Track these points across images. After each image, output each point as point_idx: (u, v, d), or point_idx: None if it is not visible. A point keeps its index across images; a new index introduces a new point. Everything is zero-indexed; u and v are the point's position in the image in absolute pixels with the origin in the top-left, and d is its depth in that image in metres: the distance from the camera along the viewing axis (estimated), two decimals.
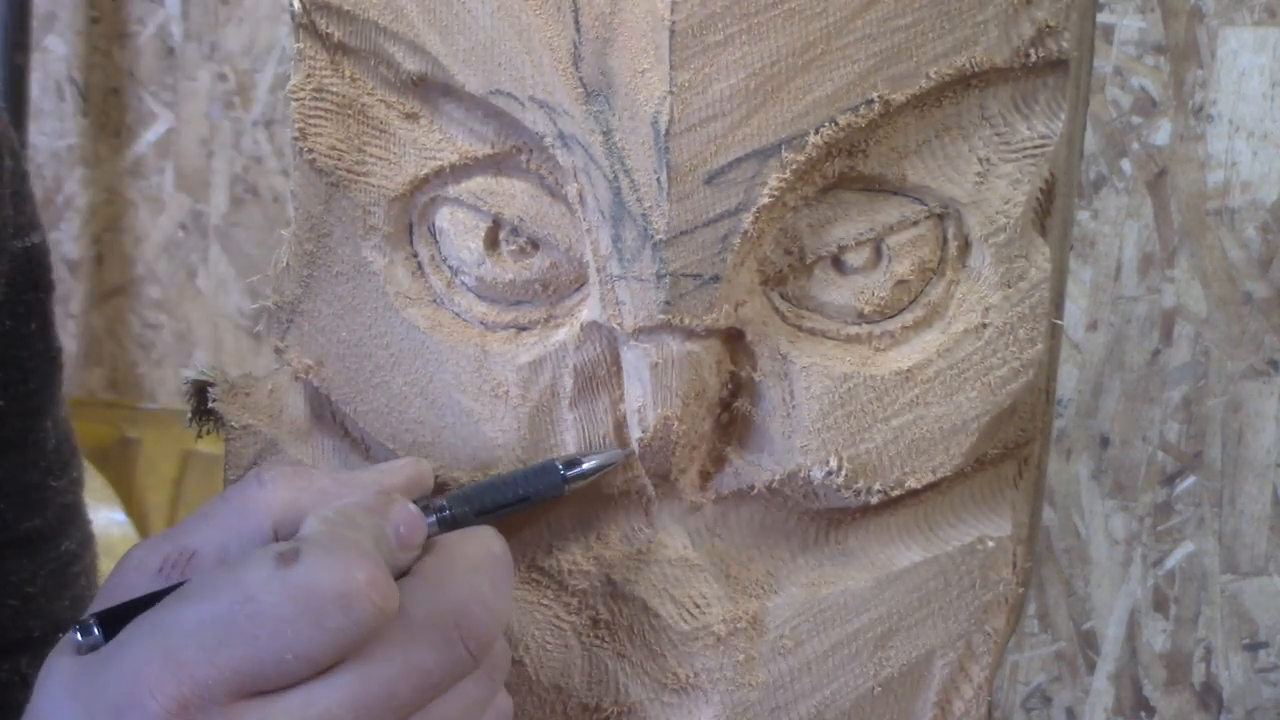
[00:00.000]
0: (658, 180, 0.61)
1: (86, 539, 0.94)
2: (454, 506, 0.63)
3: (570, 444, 0.66)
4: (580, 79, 0.61)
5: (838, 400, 0.65)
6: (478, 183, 0.66)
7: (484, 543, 0.62)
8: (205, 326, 2.05)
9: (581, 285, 0.66)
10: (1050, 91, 0.64)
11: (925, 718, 0.69)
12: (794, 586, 0.68)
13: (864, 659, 0.68)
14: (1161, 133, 1.62)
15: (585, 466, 0.65)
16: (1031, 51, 0.63)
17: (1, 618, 0.86)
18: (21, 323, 0.87)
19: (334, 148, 0.66)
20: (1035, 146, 0.65)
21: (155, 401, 2.05)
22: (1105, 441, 1.67)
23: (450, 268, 0.67)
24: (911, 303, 0.66)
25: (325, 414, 0.71)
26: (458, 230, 0.66)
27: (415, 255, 0.67)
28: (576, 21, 0.61)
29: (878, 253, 0.65)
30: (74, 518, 0.93)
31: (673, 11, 0.60)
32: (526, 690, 0.69)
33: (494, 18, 0.62)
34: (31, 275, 0.88)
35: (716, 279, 0.62)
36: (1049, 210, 0.67)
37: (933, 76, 0.63)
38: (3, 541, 0.88)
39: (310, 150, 0.66)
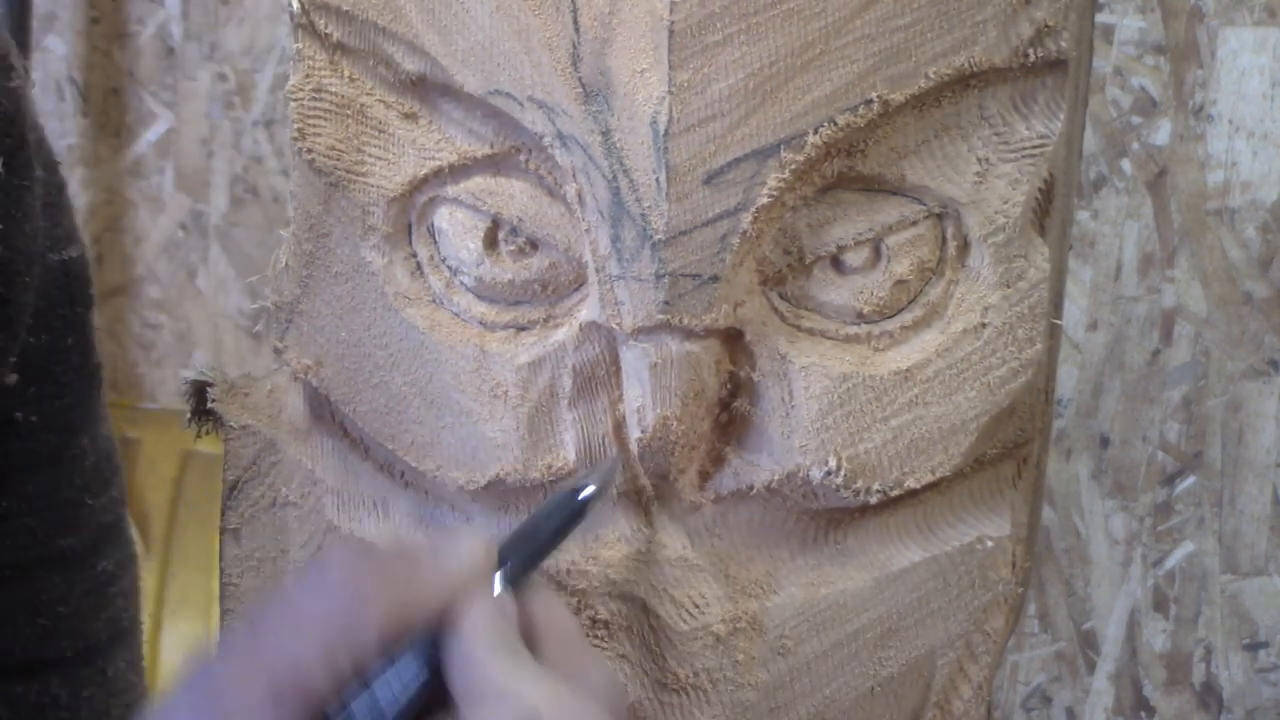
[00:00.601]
0: (656, 180, 0.61)
1: (126, 560, 0.92)
2: (514, 570, 0.61)
3: (570, 444, 0.66)
4: (579, 79, 0.61)
5: (837, 400, 0.65)
6: (477, 183, 0.66)
7: (561, 608, 0.61)
8: (205, 326, 2.05)
9: (581, 285, 0.66)
10: (1049, 91, 0.64)
11: (925, 718, 0.69)
12: (793, 586, 0.68)
13: (863, 659, 0.68)
14: (1161, 133, 1.62)
15: (592, 489, 0.64)
16: (1030, 51, 0.63)
17: (32, 637, 0.85)
18: (57, 337, 0.86)
19: (333, 148, 0.66)
20: (1034, 146, 0.65)
21: (155, 401, 2.05)
22: (1105, 441, 1.68)
23: (449, 268, 0.67)
24: (910, 303, 0.66)
25: (325, 414, 0.71)
26: (457, 230, 0.66)
27: (414, 255, 0.67)
28: (575, 21, 0.61)
29: (877, 253, 0.65)
30: (114, 538, 0.91)
31: (671, 11, 0.60)
32: None
33: (493, 18, 0.62)
34: (68, 290, 0.87)
35: (715, 279, 0.62)
36: (1048, 210, 0.67)
37: (932, 76, 0.63)
38: (34, 559, 0.86)
39: (309, 150, 0.66)
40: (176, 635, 1.76)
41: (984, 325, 0.66)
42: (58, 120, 2.04)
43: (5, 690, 0.83)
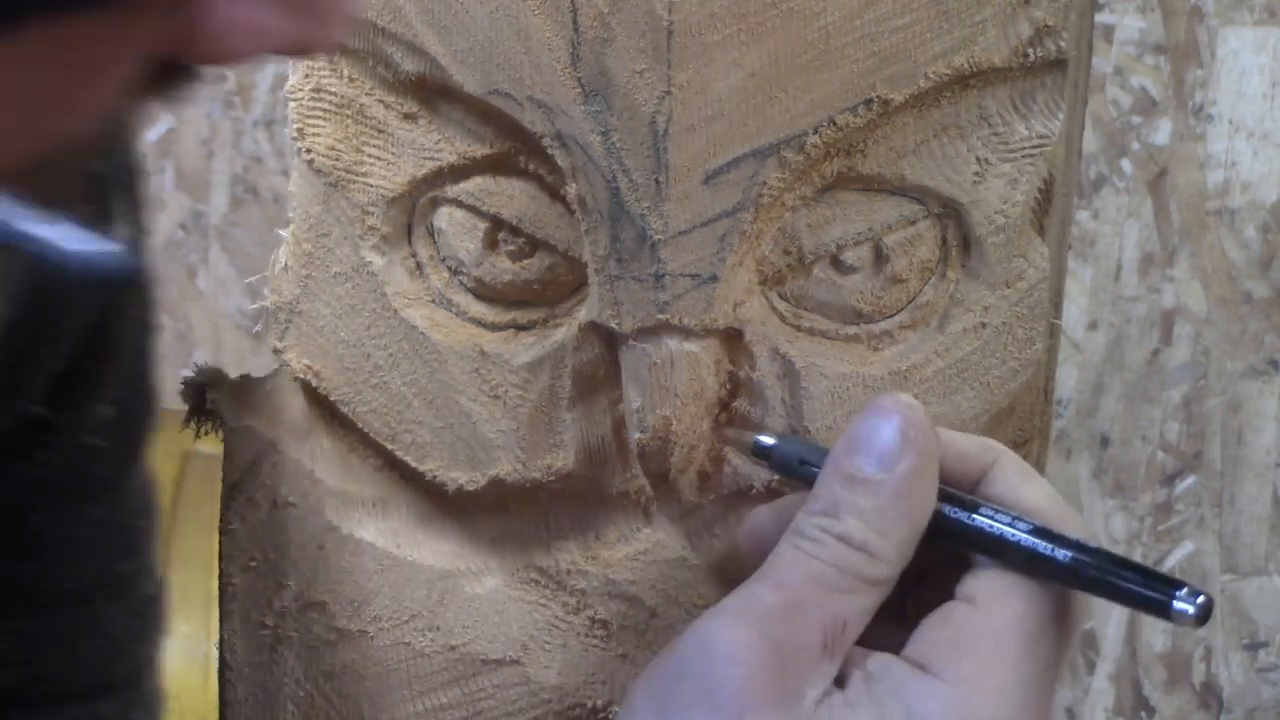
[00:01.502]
0: (656, 180, 0.61)
1: (162, 580, 0.93)
2: None
3: (569, 445, 0.66)
4: (578, 79, 0.61)
5: (836, 400, 0.65)
6: (476, 183, 0.66)
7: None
8: (205, 326, 2.05)
9: (580, 286, 0.66)
10: (1048, 91, 0.64)
11: None
12: None
13: None
14: (1161, 133, 1.62)
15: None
16: (1030, 51, 0.63)
17: (91, 661, 0.85)
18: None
19: (332, 148, 0.66)
20: (1033, 146, 0.65)
21: None
22: (1105, 441, 1.67)
23: (449, 268, 0.67)
24: (910, 303, 0.66)
25: (325, 414, 0.71)
26: (456, 230, 0.66)
27: (414, 255, 0.67)
28: (575, 21, 0.61)
29: (876, 253, 0.65)
30: (155, 560, 0.92)
31: (671, 11, 0.60)
32: (526, 690, 0.69)
33: (492, 18, 0.62)
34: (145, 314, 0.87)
35: (715, 279, 0.62)
36: (1047, 210, 0.67)
37: (931, 76, 0.62)
38: (96, 585, 0.87)
39: (308, 150, 0.66)
40: (176, 635, 1.75)
41: (983, 325, 0.66)
42: None
43: (59, 714, 0.84)
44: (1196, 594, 0.55)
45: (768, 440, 0.63)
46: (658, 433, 0.64)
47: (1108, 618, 1.70)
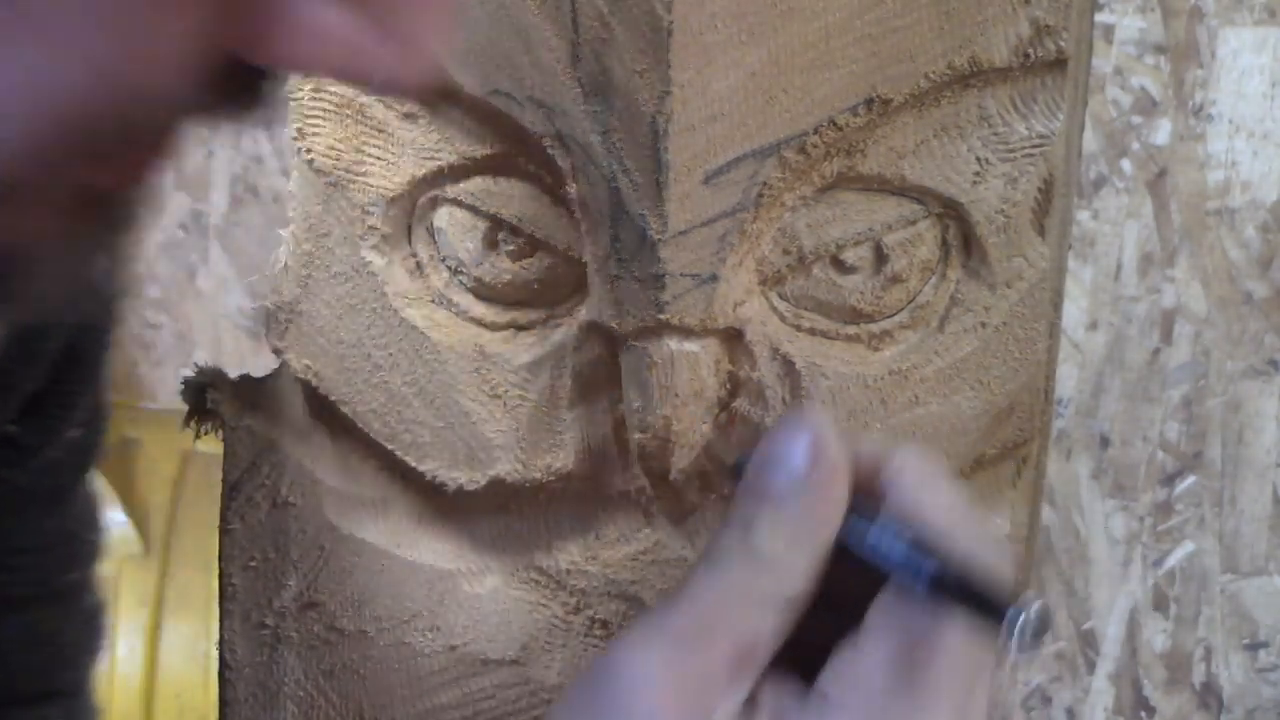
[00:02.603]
0: (656, 180, 0.61)
1: (104, 592, 0.94)
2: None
3: (569, 445, 0.66)
4: (578, 79, 0.61)
5: (837, 400, 0.65)
6: (476, 183, 0.66)
7: None
8: (205, 326, 2.05)
9: (580, 286, 0.66)
10: (1049, 91, 0.64)
11: None
12: None
13: None
14: (1161, 133, 1.62)
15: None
16: (1030, 51, 0.63)
17: (36, 668, 0.86)
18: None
19: (332, 147, 0.66)
20: (1033, 146, 0.65)
21: (155, 401, 2.05)
22: (1105, 441, 1.67)
23: (449, 268, 0.67)
24: (909, 302, 0.66)
25: (325, 414, 0.71)
26: (456, 230, 0.66)
27: (414, 255, 0.67)
28: (575, 21, 0.61)
29: (876, 252, 0.65)
30: (98, 571, 0.93)
31: (671, 11, 0.60)
32: (526, 691, 0.69)
33: (492, 18, 0.62)
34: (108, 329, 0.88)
35: (715, 278, 0.62)
36: (1047, 210, 0.67)
37: (932, 76, 0.62)
38: (40, 594, 0.87)
39: (308, 150, 0.66)
40: (176, 635, 1.76)
41: (983, 325, 0.66)
42: None
43: (5, 718, 0.84)
44: (1029, 611, 0.52)
45: (740, 459, 0.61)
46: (658, 433, 0.64)
47: (1108, 617, 1.70)
